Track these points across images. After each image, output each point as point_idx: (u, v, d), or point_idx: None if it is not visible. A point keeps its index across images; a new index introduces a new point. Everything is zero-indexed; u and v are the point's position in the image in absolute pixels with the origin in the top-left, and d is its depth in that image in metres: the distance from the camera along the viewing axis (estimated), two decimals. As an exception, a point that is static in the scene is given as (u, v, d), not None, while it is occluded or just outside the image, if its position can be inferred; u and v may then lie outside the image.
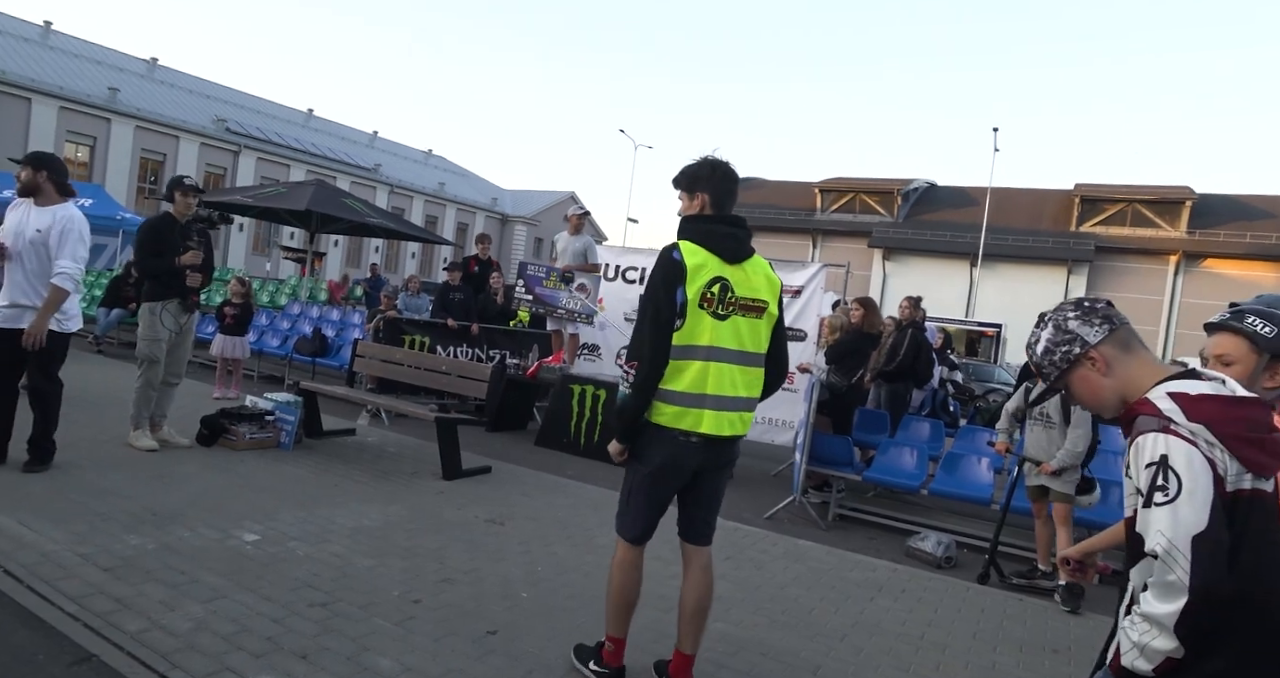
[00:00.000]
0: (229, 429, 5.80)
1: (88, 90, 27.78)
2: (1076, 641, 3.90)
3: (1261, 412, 1.50)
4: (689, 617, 2.83)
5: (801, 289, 8.75)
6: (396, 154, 43.10)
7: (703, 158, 2.81)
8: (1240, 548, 1.41)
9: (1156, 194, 34.10)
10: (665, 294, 2.60)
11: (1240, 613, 1.40)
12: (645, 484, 2.77)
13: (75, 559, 3.37)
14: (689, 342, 2.62)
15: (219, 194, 18.02)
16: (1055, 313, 1.74)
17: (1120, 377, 1.63)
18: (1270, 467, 1.46)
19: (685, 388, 2.63)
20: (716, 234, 2.72)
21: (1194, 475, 1.41)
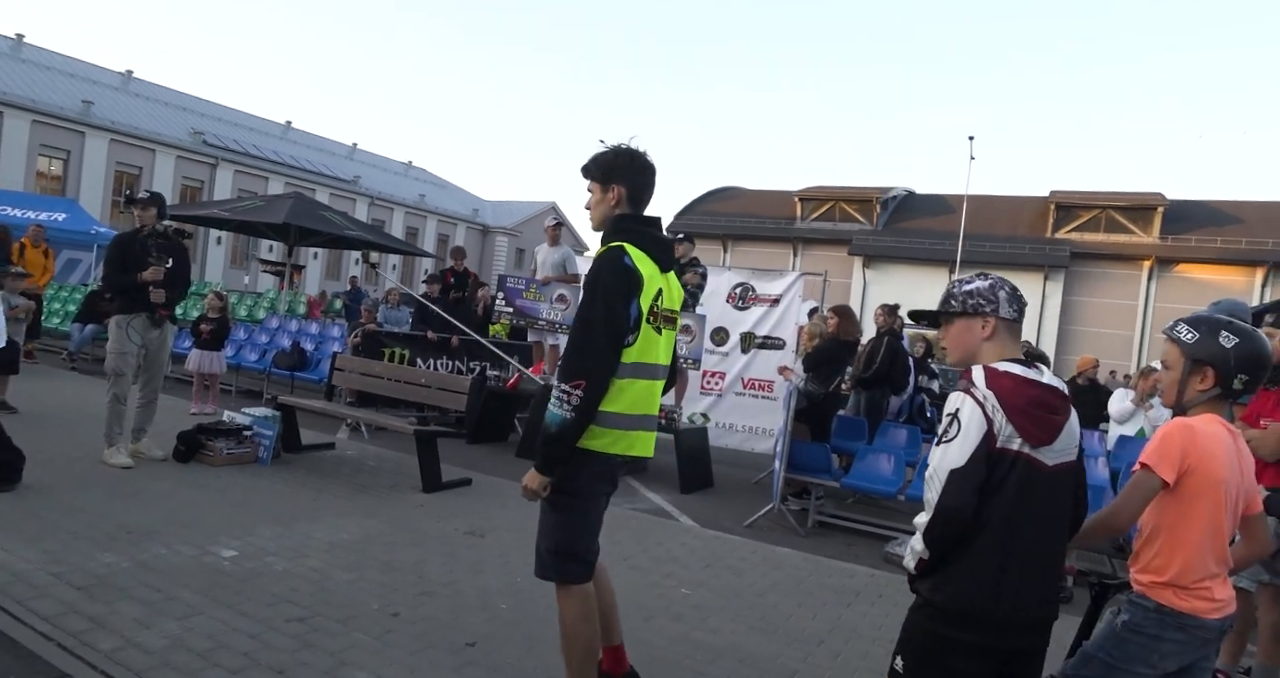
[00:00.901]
0: (206, 445, 5.75)
1: (61, 103, 27.48)
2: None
3: (1046, 394, 1.87)
4: (610, 608, 2.73)
5: (779, 298, 8.85)
6: (376, 166, 42.97)
7: (617, 146, 2.57)
8: (999, 489, 1.82)
9: (1129, 200, 34.68)
10: (622, 306, 2.36)
11: (981, 535, 1.82)
12: (576, 518, 2.49)
13: (48, 579, 3.34)
14: (639, 359, 2.43)
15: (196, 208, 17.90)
16: (998, 280, 2.01)
17: (983, 346, 1.98)
18: (1037, 437, 1.83)
19: (626, 409, 2.41)
20: (655, 240, 2.54)
21: (969, 427, 1.82)
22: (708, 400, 8.90)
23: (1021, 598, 1.84)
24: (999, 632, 1.84)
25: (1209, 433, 2.02)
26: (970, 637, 1.84)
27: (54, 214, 17.16)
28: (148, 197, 5.81)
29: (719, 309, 8.92)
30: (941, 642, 1.87)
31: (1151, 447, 2.04)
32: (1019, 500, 1.82)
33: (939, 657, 1.87)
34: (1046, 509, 1.87)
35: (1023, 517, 1.83)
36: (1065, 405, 1.91)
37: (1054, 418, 1.86)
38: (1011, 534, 1.82)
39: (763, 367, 8.74)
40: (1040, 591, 1.88)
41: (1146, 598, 2.05)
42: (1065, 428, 1.89)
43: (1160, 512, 2.04)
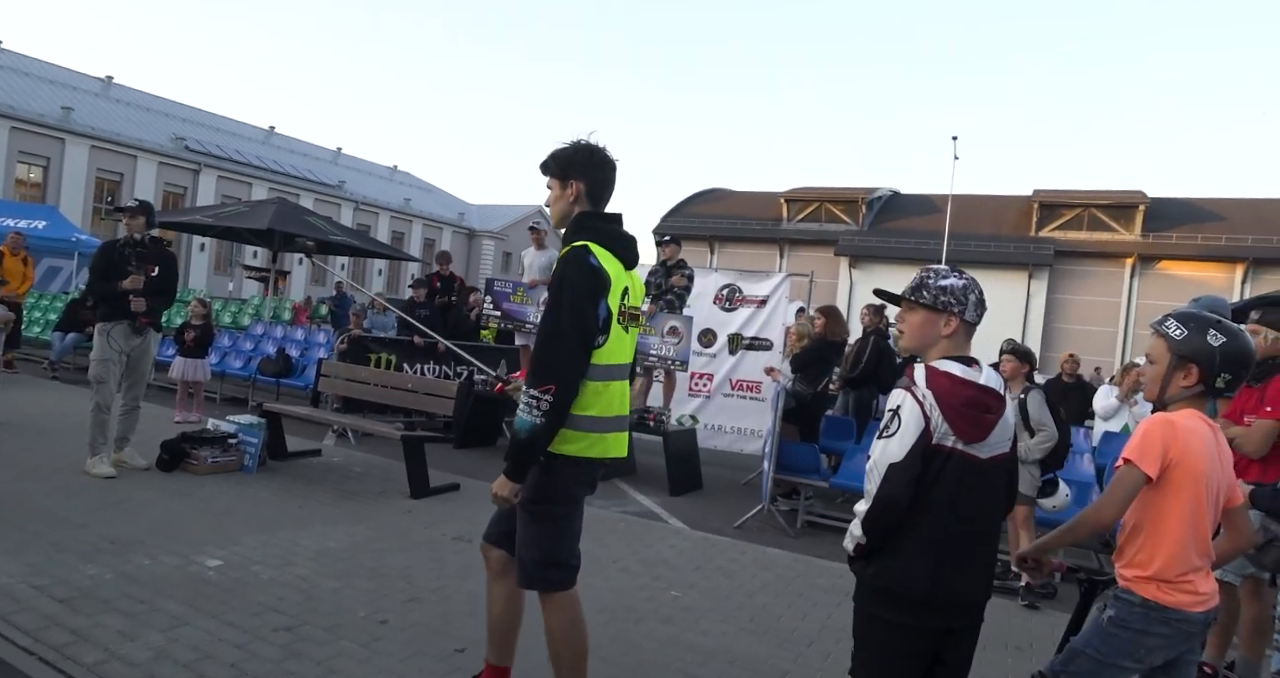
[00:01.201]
0: (190, 454, 5.70)
1: (40, 110, 27.20)
2: (1038, 637, 3.98)
3: (981, 395, 1.96)
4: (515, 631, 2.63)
5: (766, 299, 8.87)
6: (361, 170, 42.76)
7: (576, 141, 2.50)
8: (936, 482, 1.93)
9: (1111, 199, 35.01)
10: (591, 307, 2.31)
11: (920, 524, 1.93)
12: (558, 525, 2.44)
13: (30, 591, 3.30)
14: (610, 360, 2.39)
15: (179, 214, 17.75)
16: (971, 282, 2.08)
17: (938, 342, 2.05)
18: (970, 435, 1.94)
19: (601, 412, 2.37)
20: (620, 238, 2.48)
21: (908, 424, 1.92)
22: (696, 402, 8.91)
23: (956, 582, 1.95)
24: (933, 613, 1.95)
25: (1189, 428, 2.04)
26: (906, 618, 1.95)
27: (34, 222, 16.96)
28: (135, 205, 5.78)
29: (706, 311, 8.93)
30: (881, 623, 1.99)
31: (1133, 442, 2.06)
32: (955, 492, 1.94)
33: (885, 640, 1.99)
34: (981, 499, 1.99)
35: (958, 507, 1.95)
36: (999, 404, 2.00)
37: (987, 417, 1.96)
38: (948, 523, 1.94)
39: (750, 368, 8.75)
40: (975, 574, 1.99)
41: (1131, 593, 2.07)
42: (999, 425, 1.99)
43: (1142, 507, 2.06)
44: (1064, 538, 2.22)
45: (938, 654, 2.00)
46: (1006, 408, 2.04)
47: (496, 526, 2.60)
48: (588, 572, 4.28)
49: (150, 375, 6.05)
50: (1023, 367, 5.08)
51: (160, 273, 5.68)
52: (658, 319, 7.83)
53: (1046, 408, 4.89)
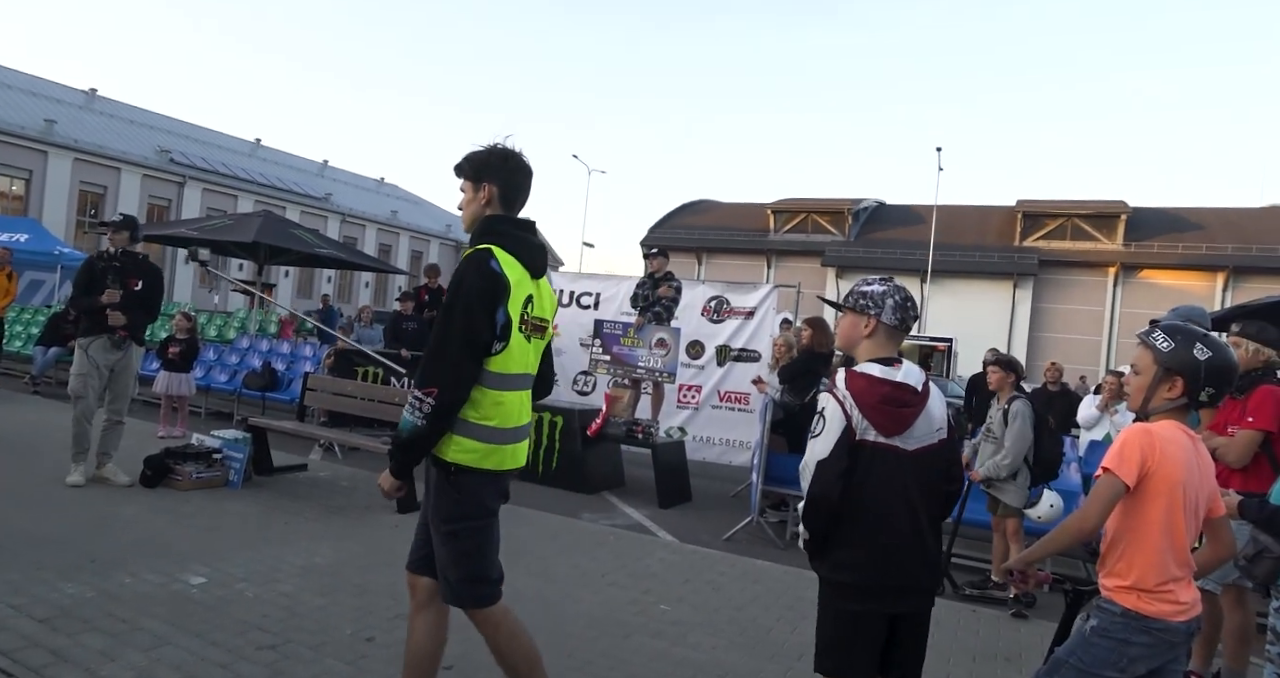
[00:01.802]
0: (174, 469, 5.64)
1: (22, 122, 27.01)
2: (1027, 648, 3.99)
3: (896, 391, 2.14)
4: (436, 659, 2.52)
5: (754, 311, 8.89)
6: (348, 183, 42.68)
7: (492, 145, 2.45)
8: (865, 483, 2.11)
9: (1094, 208, 35.44)
10: (485, 313, 2.24)
11: (853, 519, 2.11)
12: (474, 538, 2.39)
13: (8, 611, 3.24)
14: (509, 369, 2.32)
15: (164, 227, 17.65)
16: (892, 289, 2.27)
17: (862, 342, 2.26)
18: (888, 429, 2.13)
19: (502, 423, 2.33)
20: (528, 244, 2.41)
21: (831, 423, 2.12)
22: (684, 414, 8.91)
23: (896, 569, 2.12)
24: (877, 599, 2.12)
25: (1168, 437, 2.06)
26: (853, 605, 2.14)
27: (15, 235, 16.79)
28: (119, 220, 5.78)
29: (694, 322, 8.94)
30: (832, 611, 2.18)
31: (1112, 451, 2.08)
32: (886, 483, 2.12)
33: (841, 628, 2.17)
34: (914, 489, 2.15)
35: (890, 498, 2.12)
36: (916, 398, 2.17)
37: (904, 410, 2.14)
38: (885, 513, 2.12)
39: (739, 379, 8.76)
40: (915, 561, 2.15)
41: (1113, 602, 2.08)
42: (921, 417, 2.17)
43: (1122, 516, 2.08)
44: (1047, 548, 2.22)
45: (890, 638, 2.16)
46: (930, 401, 2.20)
47: (417, 551, 2.50)
48: (576, 585, 4.29)
49: (134, 390, 6.00)
50: (1009, 376, 5.10)
51: (143, 287, 5.66)
52: (646, 331, 7.84)
53: (1029, 419, 4.87)
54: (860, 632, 2.14)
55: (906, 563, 2.14)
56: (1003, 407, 4.99)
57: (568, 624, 3.74)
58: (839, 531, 2.13)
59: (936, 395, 2.28)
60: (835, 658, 2.19)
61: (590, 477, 7.25)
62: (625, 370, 7.89)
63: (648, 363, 7.77)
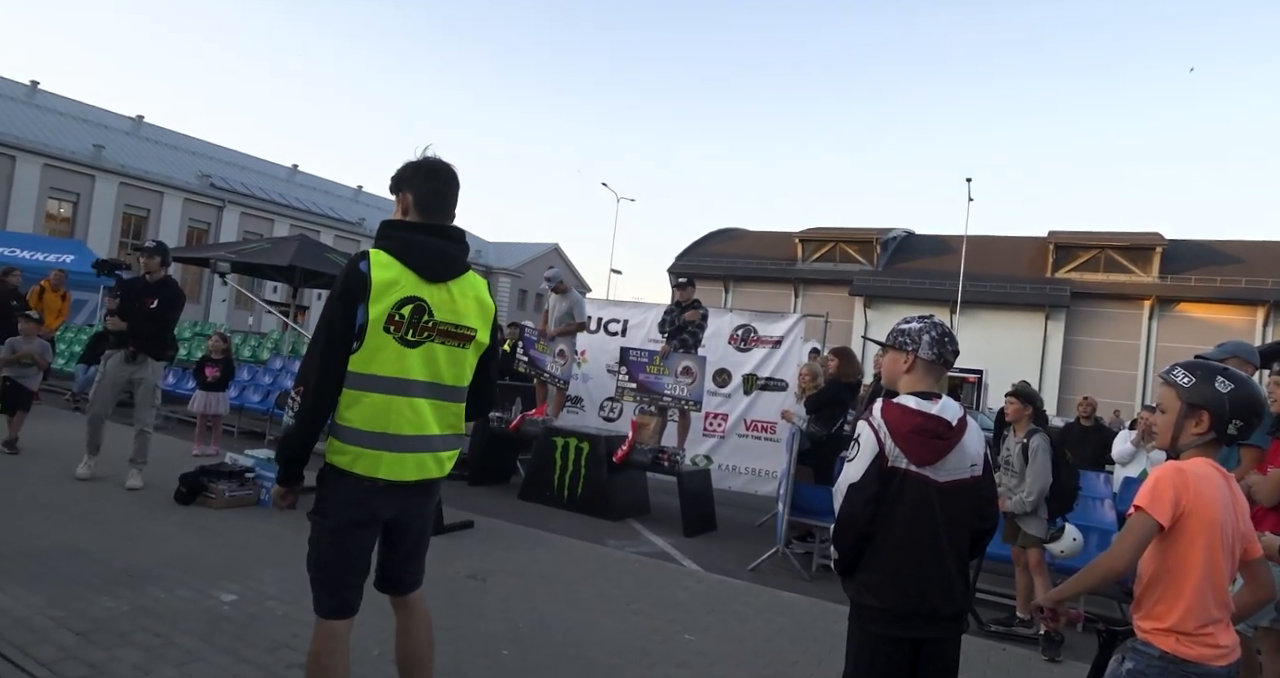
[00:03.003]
0: (208, 487, 5.74)
1: (72, 148, 28.01)
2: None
3: (929, 422, 2.22)
4: (410, 669, 2.46)
5: (781, 339, 8.89)
6: (381, 208, 43.46)
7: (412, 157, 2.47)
8: (897, 503, 2.21)
9: (1128, 240, 35.01)
10: (342, 311, 2.23)
11: (880, 543, 2.21)
12: (328, 543, 2.31)
13: (47, 623, 3.32)
14: (368, 370, 2.24)
15: (202, 250, 18.10)
16: (929, 325, 2.38)
17: (902, 377, 2.39)
18: (920, 457, 2.21)
19: (362, 425, 2.25)
20: (417, 246, 2.33)
21: (864, 449, 2.23)
22: (710, 442, 8.88)
23: (921, 595, 2.18)
24: (906, 624, 2.18)
25: (1201, 475, 2.03)
26: (879, 629, 2.20)
27: (62, 256, 17.32)
28: (153, 245, 6.29)
29: (721, 351, 8.95)
30: (865, 637, 2.24)
31: (1145, 489, 2.05)
32: (915, 512, 2.20)
33: (864, 649, 2.24)
34: (943, 519, 2.22)
35: (919, 525, 2.20)
36: (950, 431, 2.24)
37: (936, 441, 2.22)
38: (912, 541, 2.19)
39: (765, 408, 8.74)
40: (940, 588, 2.20)
41: (1150, 645, 2.04)
42: (955, 451, 2.23)
43: (1159, 557, 2.04)
44: (1077, 586, 2.21)
45: (915, 665, 2.20)
46: (966, 436, 2.26)
47: None
48: (601, 612, 4.28)
49: (156, 400, 6.35)
50: (1025, 409, 5.05)
51: (158, 305, 6.14)
52: (671, 359, 7.86)
53: (1048, 453, 4.84)
54: (883, 656, 2.20)
55: (929, 590, 2.20)
56: (1020, 440, 4.95)
57: (592, 651, 3.73)
58: (867, 554, 2.23)
59: (974, 432, 2.32)
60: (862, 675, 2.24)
61: (615, 503, 7.24)
62: (651, 398, 7.92)
63: (673, 391, 7.78)
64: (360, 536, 2.34)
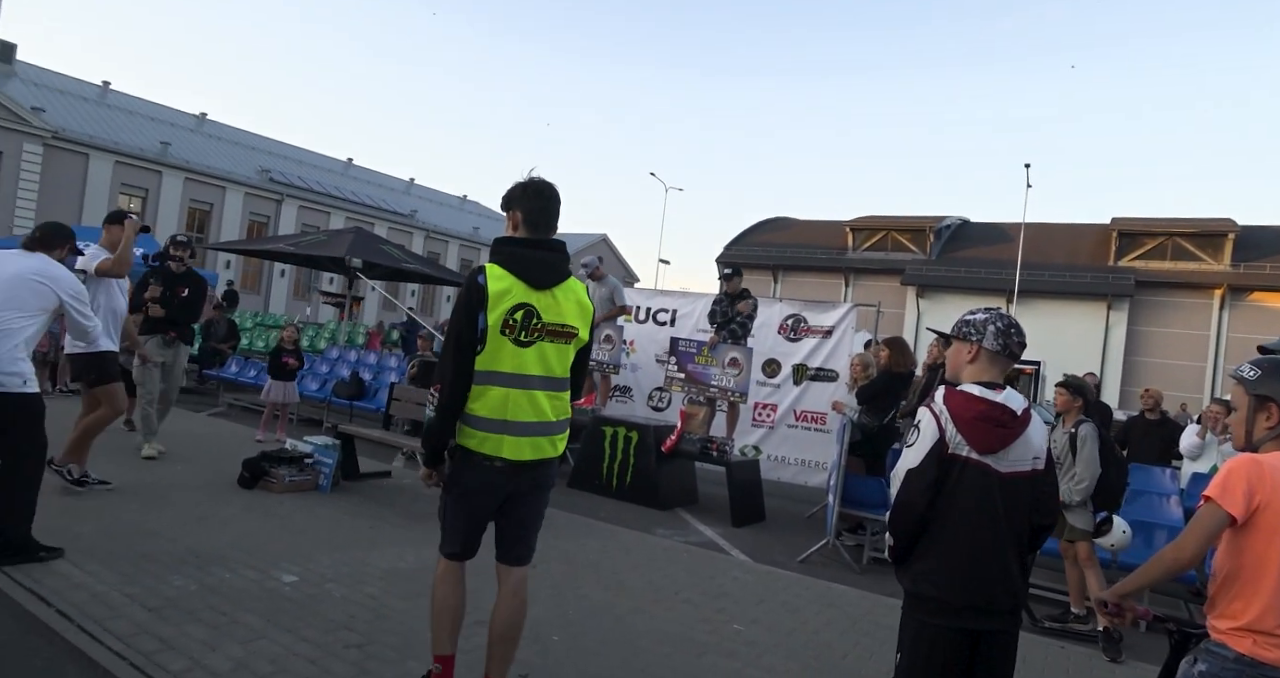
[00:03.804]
0: (269, 472, 5.93)
1: (141, 145, 29.08)
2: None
3: (993, 410, 2.19)
4: (495, 640, 2.80)
5: (832, 329, 8.77)
6: (432, 200, 44.19)
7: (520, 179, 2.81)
8: (955, 491, 2.18)
9: (1197, 227, 33.51)
10: (466, 319, 2.60)
11: (937, 532, 2.19)
12: (456, 505, 2.76)
13: (123, 600, 3.48)
14: (490, 367, 2.62)
15: (263, 242, 18.63)
16: (995, 316, 2.35)
17: (965, 369, 2.35)
18: (981, 446, 2.18)
19: (487, 413, 2.63)
20: (524, 258, 2.69)
21: (925, 435, 2.21)
22: (759, 433, 8.83)
23: (978, 585, 2.16)
24: (963, 615, 2.15)
25: (1278, 466, 1.95)
26: (940, 620, 2.17)
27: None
28: (186, 240, 7.30)
29: (770, 341, 8.88)
30: (913, 624, 2.22)
31: (1216, 480, 2.00)
32: (974, 501, 2.18)
33: (920, 641, 2.20)
34: (1002, 510, 2.19)
35: (978, 515, 2.17)
36: (1014, 421, 2.21)
37: (999, 429, 2.19)
38: (970, 530, 2.17)
39: (815, 399, 8.64)
40: (1001, 580, 2.18)
41: (1225, 647, 1.96)
42: (1019, 440, 2.21)
43: (1234, 553, 1.97)
44: (1141, 580, 2.19)
45: (972, 659, 2.17)
46: (1030, 428, 2.23)
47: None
48: (649, 601, 4.30)
49: (182, 381, 7.20)
50: (1075, 401, 4.93)
51: (190, 294, 6.85)
52: (719, 350, 7.83)
53: (1097, 442, 4.71)
54: (937, 648, 2.17)
55: (984, 582, 2.17)
56: (1068, 430, 4.84)
57: (640, 639, 3.75)
58: (924, 543, 2.21)
59: (1038, 425, 2.29)
60: (908, 667, 2.22)
61: (664, 493, 7.26)
62: (699, 388, 7.90)
63: (720, 382, 7.75)
64: (480, 503, 2.75)
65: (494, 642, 2.79)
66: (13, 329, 3.86)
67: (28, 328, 3.94)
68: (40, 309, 4.02)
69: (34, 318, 3.99)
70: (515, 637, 2.82)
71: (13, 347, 3.84)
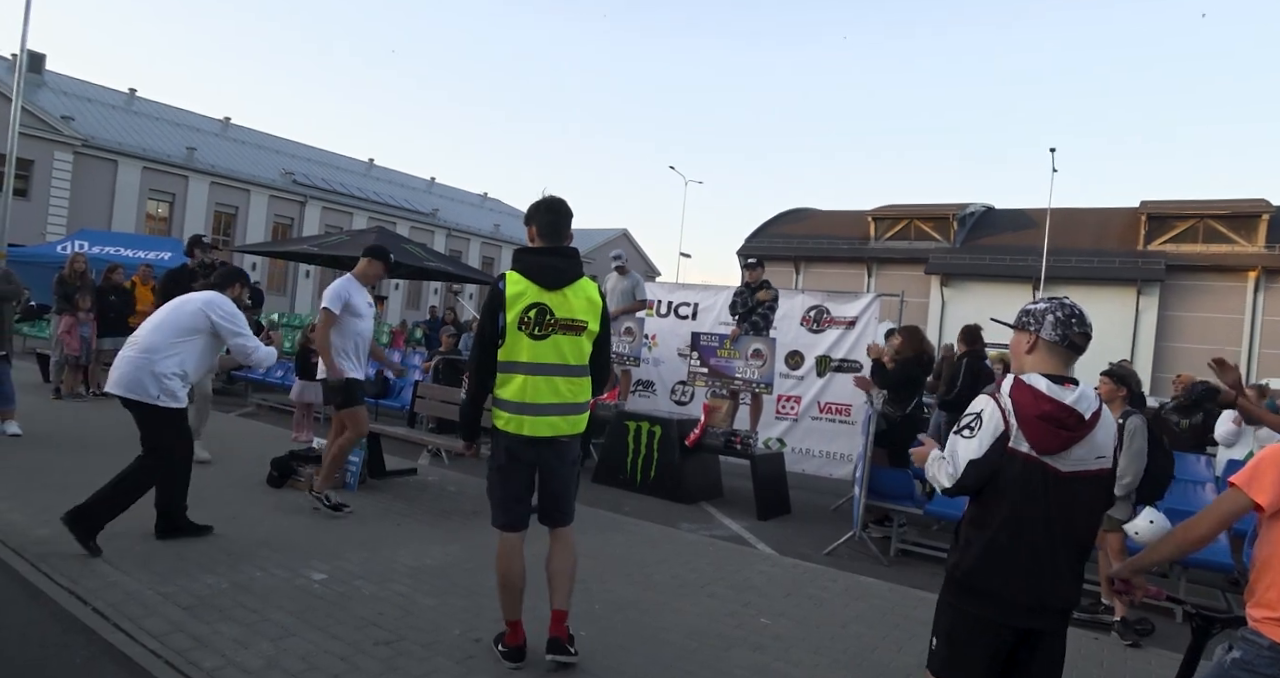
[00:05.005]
0: (297, 471, 6.00)
1: (168, 151, 29.53)
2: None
3: (1059, 411, 2.09)
4: (552, 577, 3.27)
5: (855, 320, 8.69)
6: (453, 198, 44.42)
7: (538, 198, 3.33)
8: (1011, 487, 2.11)
9: (1230, 208, 32.76)
10: (488, 319, 3.14)
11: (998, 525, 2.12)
12: (496, 478, 3.26)
13: (157, 598, 3.54)
14: (511, 358, 3.14)
15: (287, 244, 18.84)
16: (1057, 305, 2.26)
17: (1024, 358, 2.27)
18: (1040, 445, 2.09)
19: (510, 397, 3.14)
20: (537, 265, 3.19)
21: (988, 426, 2.13)
22: (783, 425, 8.79)
23: (1030, 582, 2.09)
24: (1006, 610, 2.10)
25: None
26: (980, 612, 2.13)
27: (160, 253, 18.30)
28: (209, 241, 7.51)
29: (794, 332, 8.82)
30: (952, 610, 2.20)
31: (1246, 468, 2.02)
32: (1031, 498, 2.10)
33: (958, 630, 2.18)
34: (1060, 508, 2.11)
35: (1035, 511, 2.10)
36: (1080, 424, 2.10)
37: (1063, 432, 2.09)
38: (1023, 527, 2.10)
39: (840, 390, 8.58)
40: (1051, 578, 2.10)
41: (1260, 635, 1.93)
42: (1082, 443, 2.11)
43: (1270, 542, 1.93)
44: (1151, 556, 2.24)
45: (1014, 657, 2.13)
46: (1097, 429, 2.14)
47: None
48: (676, 595, 4.30)
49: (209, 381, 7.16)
50: (1119, 390, 4.81)
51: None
52: (742, 342, 7.79)
53: (1145, 436, 4.60)
54: (976, 640, 2.14)
55: (1034, 580, 2.10)
56: (1116, 421, 4.71)
57: (667, 633, 3.75)
58: (971, 532, 2.19)
59: (1106, 424, 2.20)
60: (944, 659, 2.20)
61: (688, 487, 7.25)
62: (723, 381, 7.87)
63: (744, 374, 7.72)
64: (515, 472, 3.23)
65: (552, 577, 3.26)
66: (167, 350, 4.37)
67: (179, 350, 4.41)
68: (193, 329, 4.49)
69: (185, 339, 4.45)
70: (568, 571, 3.28)
71: (167, 367, 4.34)
